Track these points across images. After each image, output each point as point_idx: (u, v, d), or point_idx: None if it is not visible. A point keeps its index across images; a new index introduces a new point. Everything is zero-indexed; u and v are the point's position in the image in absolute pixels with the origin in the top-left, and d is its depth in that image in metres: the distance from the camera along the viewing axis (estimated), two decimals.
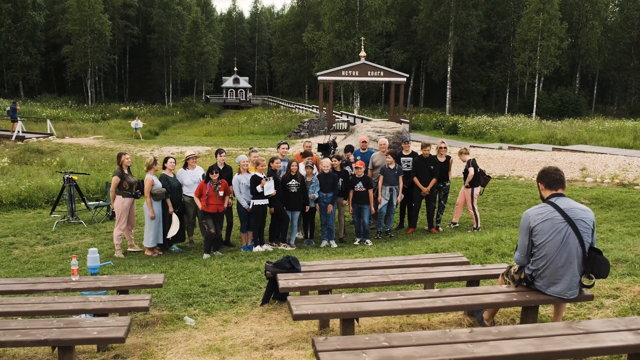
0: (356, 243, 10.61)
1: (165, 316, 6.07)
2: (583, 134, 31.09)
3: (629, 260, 6.98)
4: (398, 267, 5.95)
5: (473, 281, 5.26)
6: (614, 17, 64.67)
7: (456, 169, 14.44)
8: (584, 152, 23.29)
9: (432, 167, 11.33)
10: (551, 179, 4.44)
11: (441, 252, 8.75)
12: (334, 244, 10.46)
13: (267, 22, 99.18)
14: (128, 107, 57.85)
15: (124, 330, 3.93)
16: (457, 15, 57.42)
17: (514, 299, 4.26)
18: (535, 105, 53.10)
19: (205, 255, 9.71)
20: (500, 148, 26.59)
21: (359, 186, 10.47)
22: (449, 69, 59.37)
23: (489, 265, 5.59)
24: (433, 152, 11.91)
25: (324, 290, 5.02)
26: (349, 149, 11.43)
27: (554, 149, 25.34)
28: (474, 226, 11.33)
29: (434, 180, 11.36)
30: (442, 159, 11.62)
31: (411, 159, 11.86)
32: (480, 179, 11.47)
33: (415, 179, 11.39)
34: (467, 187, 11.39)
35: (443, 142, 11.97)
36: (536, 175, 4.57)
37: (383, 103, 69.83)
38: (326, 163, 10.45)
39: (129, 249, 10.47)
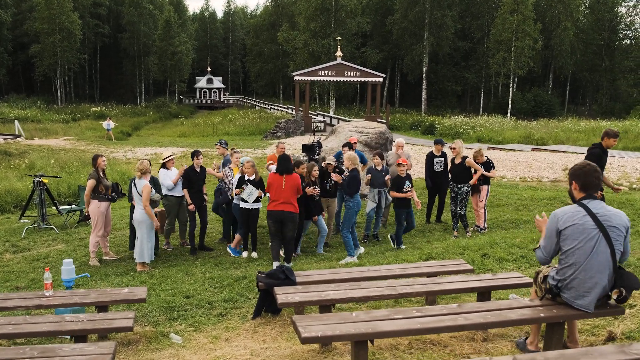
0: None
1: (148, 333, 5.57)
2: (560, 134, 31.26)
3: (632, 265, 6.71)
4: (400, 276, 5.56)
5: (485, 292, 4.88)
6: (585, 19, 65.54)
7: None
8: (563, 152, 23.31)
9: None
10: (589, 180, 3.95)
11: (436, 257, 8.40)
12: (320, 250, 9.89)
13: (240, 22, 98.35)
14: (99, 108, 56.67)
15: (109, 359, 3.45)
16: (432, 16, 57.53)
17: (542, 315, 3.87)
18: (510, 106, 53.44)
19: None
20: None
21: (407, 185, 9.67)
22: (424, 69, 59.44)
23: (499, 274, 5.21)
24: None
25: (326, 305, 4.59)
26: (347, 145, 10.97)
27: (533, 149, 25.34)
28: (481, 226, 10.98)
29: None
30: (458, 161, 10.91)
31: (443, 159, 11.66)
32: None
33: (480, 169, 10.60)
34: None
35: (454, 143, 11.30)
36: (569, 171, 4.13)
37: (358, 103, 69.70)
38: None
39: (104, 257, 9.88)
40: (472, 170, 10.78)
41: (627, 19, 63.91)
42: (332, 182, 9.98)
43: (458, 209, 10.69)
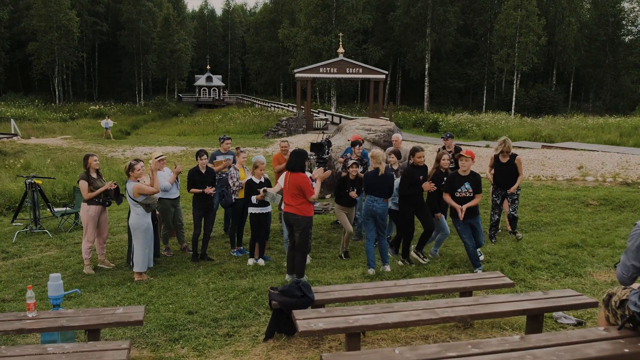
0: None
1: (146, 359, 4.89)
2: (567, 131, 30.57)
3: None
4: (431, 292, 4.87)
5: (537, 315, 4.18)
6: (589, 14, 64.85)
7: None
8: (575, 149, 22.61)
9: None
10: None
11: (460, 265, 7.73)
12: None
13: (239, 20, 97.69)
14: (97, 106, 55.94)
15: None
16: (435, 12, 56.80)
17: (626, 350, 3.15)
18: (514, 103, 52.71)
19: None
20: (488, 146, 25.79)
21: (465, 189, 7.42)
22: (426, 66, 58.69)
23: (551, 292, 4.51)
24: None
25: (356, 332, 3.89)
26: (356, 144, 10.08)
27: (543, 147, 24.65)
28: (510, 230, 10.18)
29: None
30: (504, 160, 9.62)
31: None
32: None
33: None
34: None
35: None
36: None
37: (359, 101, 68.97)
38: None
39: (99, 265, 9.17)
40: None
41: (631, 14, 63.26)
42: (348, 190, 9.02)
43: (512, 211, 9.70)
